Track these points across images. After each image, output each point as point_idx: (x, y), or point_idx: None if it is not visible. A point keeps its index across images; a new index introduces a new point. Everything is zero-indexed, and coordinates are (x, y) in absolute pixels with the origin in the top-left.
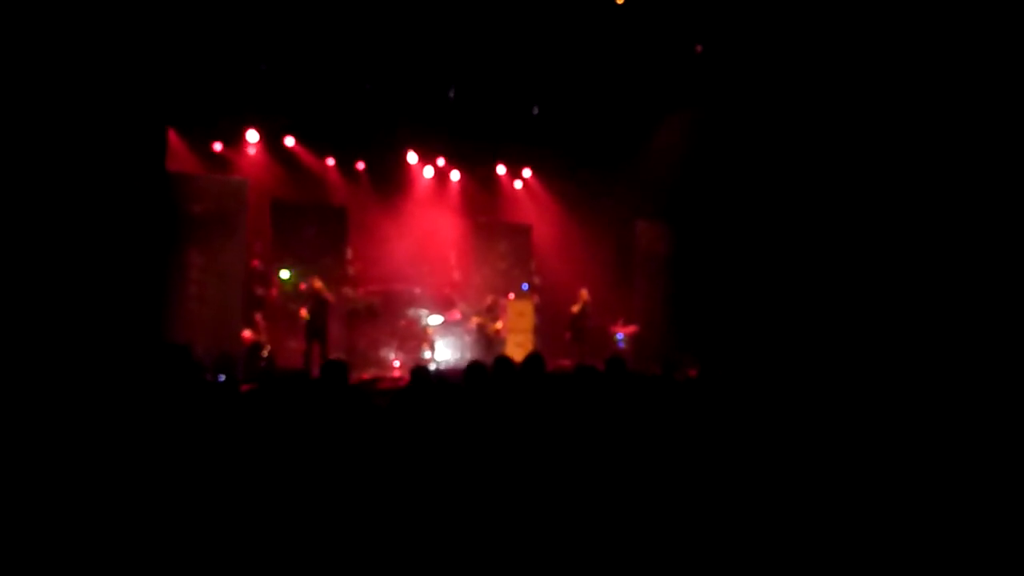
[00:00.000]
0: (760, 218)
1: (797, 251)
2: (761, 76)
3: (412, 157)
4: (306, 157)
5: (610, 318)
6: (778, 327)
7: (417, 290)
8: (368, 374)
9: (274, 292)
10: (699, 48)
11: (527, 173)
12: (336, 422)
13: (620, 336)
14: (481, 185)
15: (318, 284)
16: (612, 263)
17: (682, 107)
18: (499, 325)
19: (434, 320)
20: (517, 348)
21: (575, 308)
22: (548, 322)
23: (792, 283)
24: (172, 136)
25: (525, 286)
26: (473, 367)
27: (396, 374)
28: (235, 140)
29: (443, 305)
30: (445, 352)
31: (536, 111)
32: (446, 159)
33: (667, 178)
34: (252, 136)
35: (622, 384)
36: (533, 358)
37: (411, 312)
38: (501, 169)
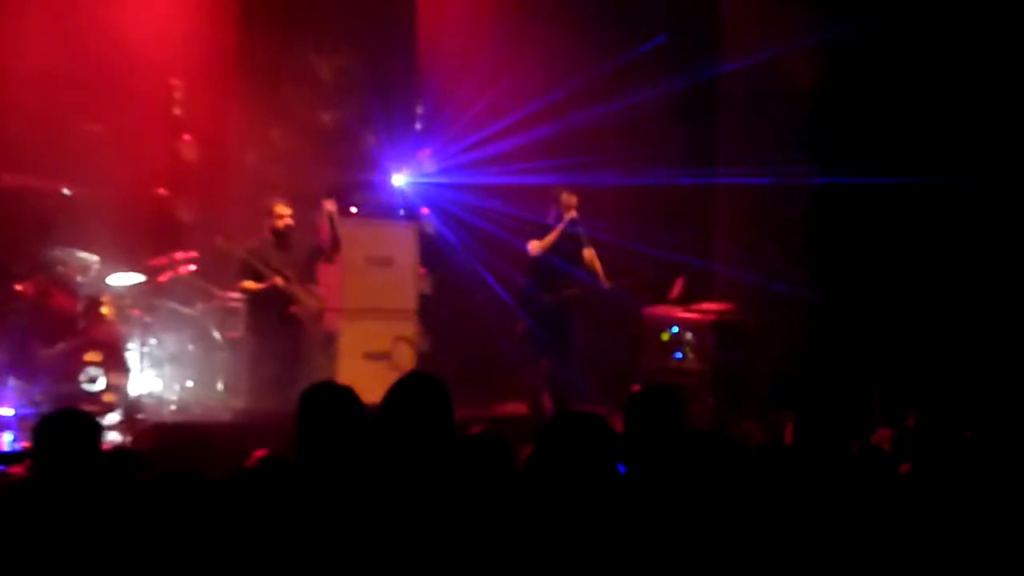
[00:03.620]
0: None
1: None
2: None
3: None
4: None
5: (646, 277)
6: None
7: (66, 191)
8: None
9: None
10: None
11: None
12: None
13: (674, 330)
14: None
15: None
16: (649, 117)
17: None
18: (315, 300)
19: (120, 281)
20: (367, 362)
21: (539, 246)
22: (456, 291)
23: None
24: None
25: (399, 181)
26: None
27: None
28: None
29: (148, 236)
30: (152, 376)
31: None
32: None
33: None
34: None
35: (680, 471)
36: (413, 389)
37: (54, 257)
38: None
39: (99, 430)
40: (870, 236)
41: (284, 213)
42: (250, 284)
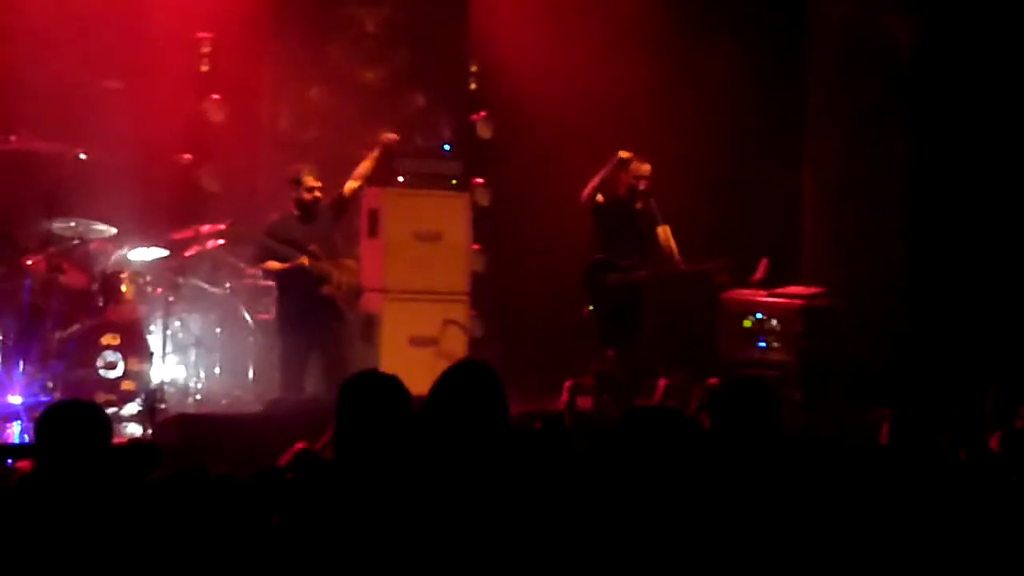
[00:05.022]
0: None
1: None
2: None
3: None
4: None
5: (726, 258)
6: None
7: (81, 155)
8: None
9: None
10: None
11: None
12: None
13: (757, 316)
14: None
15: None
16: (730, 81)
17: None
18: (346, 271)
19: (140, 256)
20: (413, 349)
21: (587, 189)
22: (514, 270)
23: None
24: None
25: (446, 147)
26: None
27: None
28: None
29: (172, 207)
30: (175, 362)
31: None
32: None
33: None
34: None
35: (769, 475)
36: (464, 379)
37: (68, 229)
38: None
39: (107, 423)
40: (976, 213)
41: (314, 185)
42: (274, 264)
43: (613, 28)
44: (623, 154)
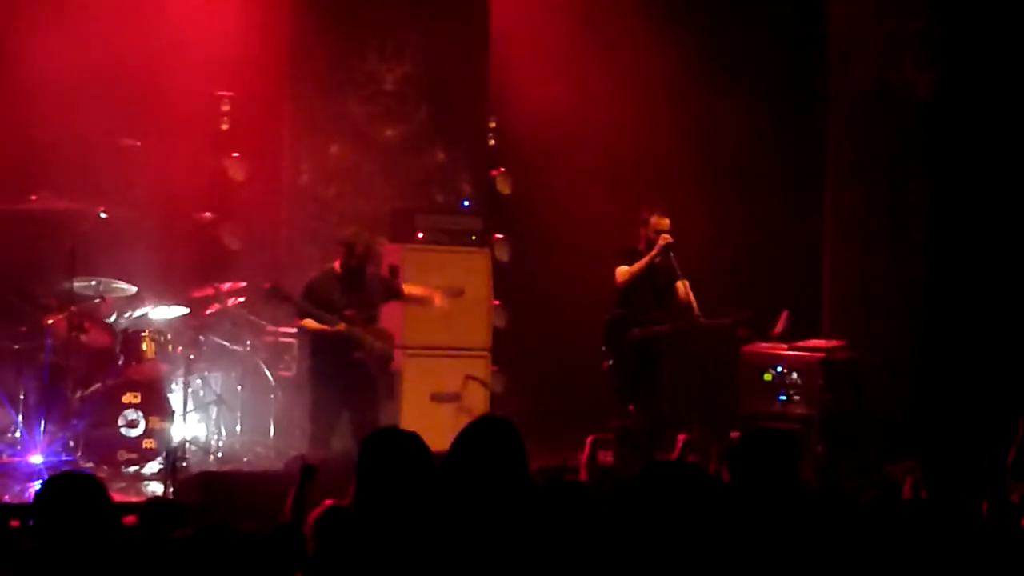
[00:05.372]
0: None
1: None
2: None
3: None
4: None
5: (746, 311)
6: None
7: (102, 214)
8: None
9: None
10: None
11: None
12: None
13: (778, 370)
14: None
15: None
16: (749, 132)
17: None
18: (380, 337)
19: (161, 315)
20: (434, 405)
21: (627, 272)
22: (534, 325)
23: None
24: None
25: (466, 203)
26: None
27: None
28: None
29: (192, 265)
30: (196, 420)
31: None
32: None
33: None
34: None
35: (787, 529)
36: (485, 434)
37: (89, 288)
38: None
39: (102, 490)
40: (997, 261)
41: (366, 255)
42: (311, 323)
43: (633, 83)
44: (665, 238)
